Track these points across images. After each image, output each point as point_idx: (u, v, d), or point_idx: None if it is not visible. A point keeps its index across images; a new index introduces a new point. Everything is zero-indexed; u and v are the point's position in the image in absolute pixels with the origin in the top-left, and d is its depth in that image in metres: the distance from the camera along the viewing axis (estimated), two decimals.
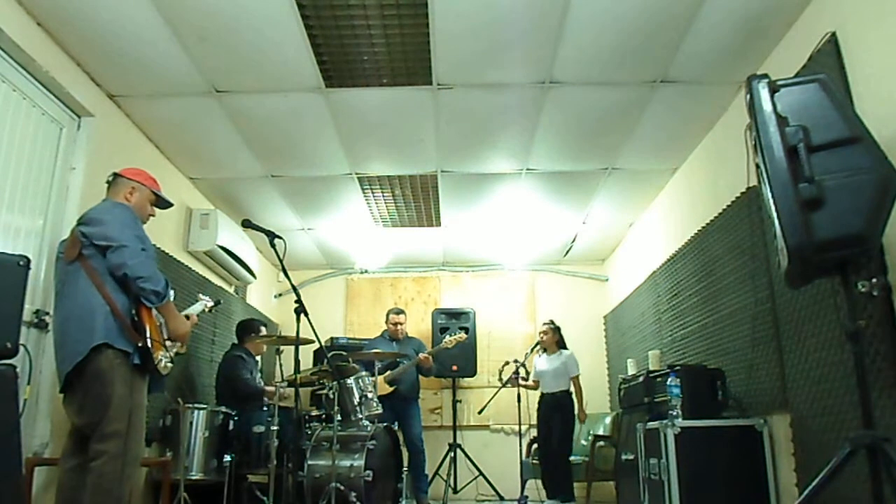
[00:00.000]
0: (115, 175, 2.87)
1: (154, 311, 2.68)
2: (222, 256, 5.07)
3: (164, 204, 3.00)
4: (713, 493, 3.28)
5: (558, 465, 5.09)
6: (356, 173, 4.94)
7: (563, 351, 5.30)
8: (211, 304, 3.29)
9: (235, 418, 4.18)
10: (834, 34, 2.77)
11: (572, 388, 5.25)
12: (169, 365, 2.68)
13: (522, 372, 5.31)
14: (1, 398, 1.85)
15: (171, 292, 2.72)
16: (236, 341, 4.90)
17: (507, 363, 5.35)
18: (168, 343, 2.71)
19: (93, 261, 2.55)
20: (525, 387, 5.34)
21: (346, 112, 4.05)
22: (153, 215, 2.97)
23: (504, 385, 5.33)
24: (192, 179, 4.98)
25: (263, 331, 4.88)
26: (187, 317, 3.01)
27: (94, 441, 2.44)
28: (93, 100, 3.62)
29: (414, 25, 3.25)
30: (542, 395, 5.33)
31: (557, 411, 5.16)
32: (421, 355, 5.32)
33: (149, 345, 2.55)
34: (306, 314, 3.32)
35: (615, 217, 5.91)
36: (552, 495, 5.06)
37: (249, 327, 4.86)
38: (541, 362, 5.40)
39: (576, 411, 5.20)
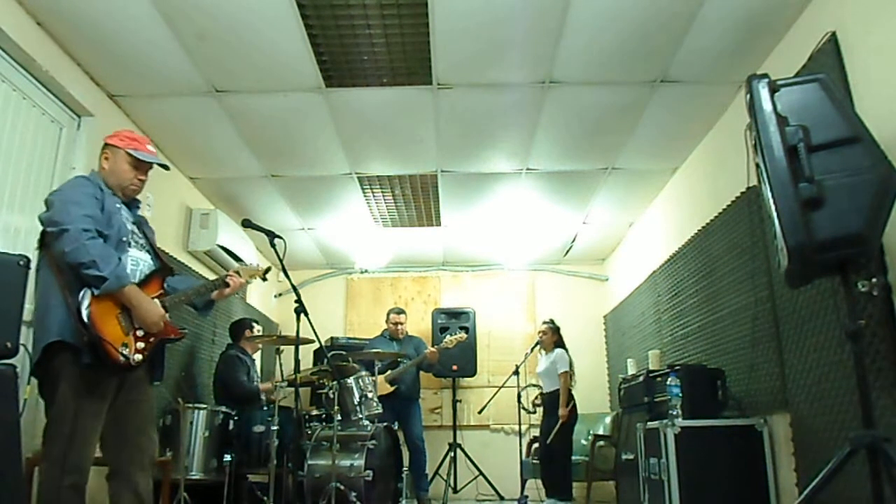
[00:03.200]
0: (104, 144, 2.63)
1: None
2: (222, 256, 5.07)
3: (145, 164, 2.59)
4: (713, 493, 3.28)
5: (553, 465, 5.08)
6: (356, 173, 4.94)
7: (556, 350, 5.28)
8: (260, 271, 2.98)
9: (235, 418, 4.18)
10: (834, 34, 2.77)
11: None
12: (137, 357, 2.36)
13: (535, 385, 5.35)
14: (1, 398, 1.85)
15: (130, 270, 2.43)
16: (231, 341, 4.92)
17: (525, 389, 5.34)
18: (139, 332, 2.39)
19: (52, 248, 2.30)
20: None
21: (346, 112, 4.05)
22: (143, 179, 2.60)
23: (531, 412, 5.33)
24: (192, 179, 4.98)
25: (256, 328, 4.90)
26: (223, 283, 2.74)
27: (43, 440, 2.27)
28: (93, 100, 3.62)
29: (414, 25, 3.25)
30: (542, 396, 5.33)
31: (551, 411, 5.15)
32: (428, 350, 5.32)
33: (94, 339, 2.24)
34: (306, 314, 3.32)
35: (615, 217, 5.91)
36: (550, 494, 5.06)
37: (242, 326, 4.90)
38: (540, 362, 5.41)
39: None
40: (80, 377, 2.26)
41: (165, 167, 2.74)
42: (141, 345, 2.39)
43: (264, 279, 3.07)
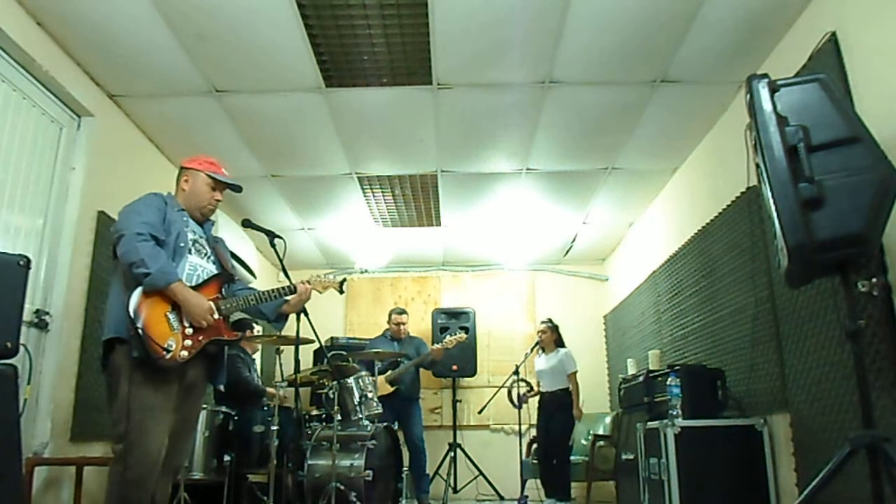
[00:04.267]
0: (180, 168, 2.78)
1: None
2: None
3: (227, 187, 2.77)
4: (713, 493, 3.28)
5: (557, 465, 5.08)
6: (356, 173, 4.94)
7: (560, 349, 5.30)
8: (337, 282, 2.98)
9: (235, 418, 4.18)
10: (834, 34, 2.77)
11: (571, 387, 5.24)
12: (183, 354, 2.40)
13: (523, 379, 5.33)
14: (1, 398, 1.85)
15: (172, 271, 2.44)
16: None
17: (515, 382, 5.31)
18: (188, 331, 2.45)
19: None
20: (533, 396, 5.37)
21: (346, 112, 4.05)
22: (220, 200, 2.78)
23: (517, 407, 5.28)
24: None
25: (256, 328, 4.89)
26: (291, 290, 2.77)
27: None
28: (93, 100, 3.62)
29: (414, 25, 3.25)
30: (542, 395, 5.34)
31: (557, 410, 5.16)
32: (432, 348, 5.30)
33: (137, 333, 2.30)
34: (306, 314, 3.32)
35: (615, 217, 5.91)
36: (550, 494, 5.06)
37: (241, 326, 4.87)
38: (539, 362, 5.41)
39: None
40: (138, 372, 2.33)
41: (239, 189, 2.83)
42: (189, 342, 2.44)
43: (341, 292, 3.11)
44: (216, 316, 2.55)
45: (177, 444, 2.51)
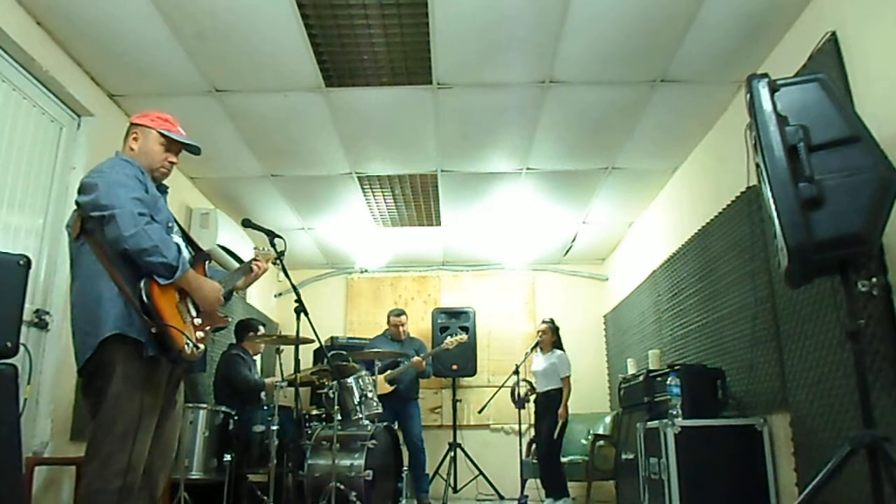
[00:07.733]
0: (129, 124, 2.46)
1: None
2: (222, 256, 5.07)
3: (182, 147, 2.46)
4: (713, 492, 3.28)
5: (548, 464, 5.09)
6: (356, 173, 4.94)
7: (556, 351, 5.29)
8: (273, 255, 2.86)
9: (235, 418, 4.18)
10: (834, 34, 2.77)
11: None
12: (200, 347, 2.25)
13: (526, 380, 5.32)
14: (1, 398, 1.85)
15: (185, 256, 2.26)
16: (234, 341, 4.90)
17: (517, 383, 5.29)
18: (196, 321, 2.28)
19: (97, 235, 2.15)
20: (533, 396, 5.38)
21: (346, 112, 4.05)
22: (174, 162, 2.46)
23: (518, 407, 5.27)
24: (192, 179, 4.98)
25: (262, 330, 4.89)
26: (249, 268, 2.58)
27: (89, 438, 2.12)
28: (93, 100, 3.62)
29: (414, 25, 3.25)
30: (537, 395, 5.34)
31: (547, 410, 5.16)
32: (414, 359, 5.30)
33: (164, 329, 2.11)
34: (306, 313, 3.32)
35: (615, 216, 5.91)
36: (549, 494, 5.07)
37: (248, 326, 4.87)
38: (536, 362, 5.41)
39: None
40: (139, 372, 2.13)
41: (197, 150, 2.53)
42: (200, 334, 2.28)
43: (275, 264, 2.98)
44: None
45: (171, 441, 2.34)
